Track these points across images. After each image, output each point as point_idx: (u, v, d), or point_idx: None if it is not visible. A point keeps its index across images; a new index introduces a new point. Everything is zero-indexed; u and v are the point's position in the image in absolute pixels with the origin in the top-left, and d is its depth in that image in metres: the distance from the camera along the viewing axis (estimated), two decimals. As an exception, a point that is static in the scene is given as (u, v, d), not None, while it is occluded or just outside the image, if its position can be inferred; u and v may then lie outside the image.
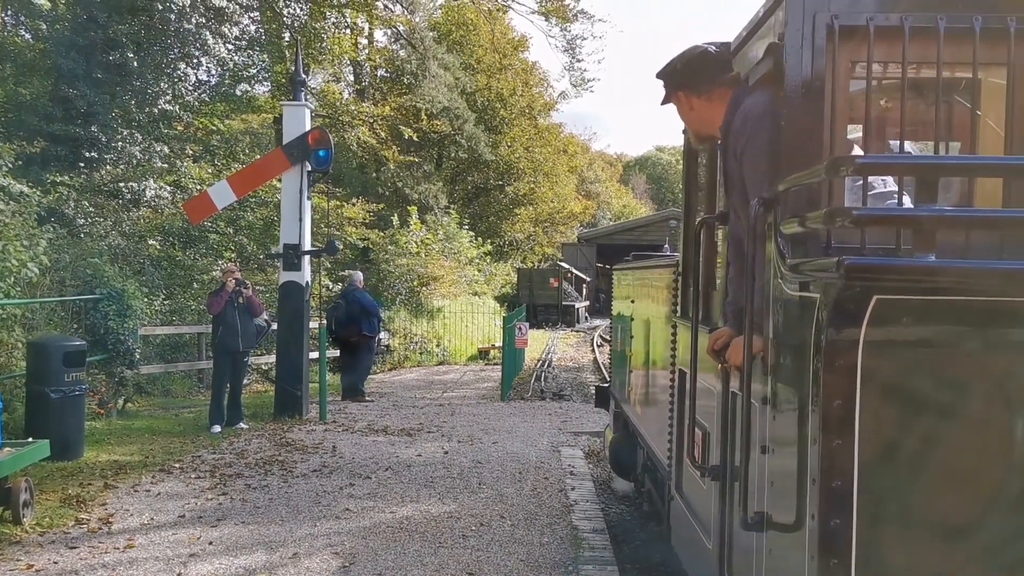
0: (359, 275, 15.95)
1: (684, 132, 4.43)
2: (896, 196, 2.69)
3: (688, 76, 3.55)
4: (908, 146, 3.20)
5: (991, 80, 2.98)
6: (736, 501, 3.18)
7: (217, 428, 11.19)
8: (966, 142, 3.04)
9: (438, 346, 23.53)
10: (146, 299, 14.14)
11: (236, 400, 11.68)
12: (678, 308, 4.91)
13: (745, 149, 3.18)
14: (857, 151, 3.13)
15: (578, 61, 32.07)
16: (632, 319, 7.46)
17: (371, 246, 25.12)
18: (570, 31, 30.70)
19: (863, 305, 2.24)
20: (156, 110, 18.23)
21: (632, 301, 7.59)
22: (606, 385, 10.14)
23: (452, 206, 36.41)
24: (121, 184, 17.00)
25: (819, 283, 2.41)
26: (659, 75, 3.68)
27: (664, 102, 3.70)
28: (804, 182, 2.59)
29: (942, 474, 2.34)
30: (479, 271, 34.90)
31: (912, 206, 2.52)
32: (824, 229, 2.50)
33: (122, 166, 17.30)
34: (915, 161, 2.72)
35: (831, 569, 2.31)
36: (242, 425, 11.44)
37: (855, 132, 3.28)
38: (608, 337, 19.23)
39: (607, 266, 29.88)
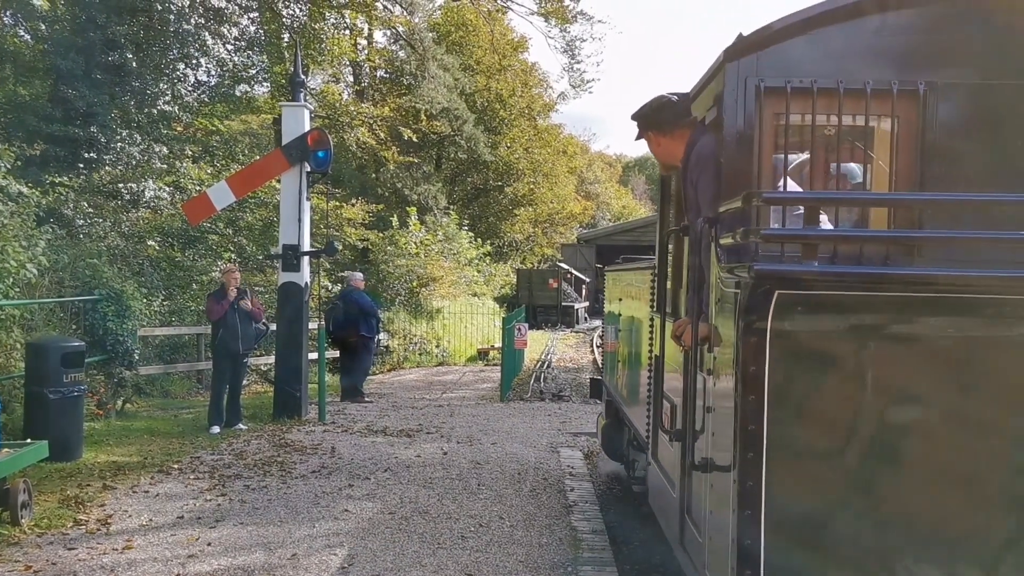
0: (358, 275, 15.88)
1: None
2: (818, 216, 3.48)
3: (656, 120, 4.52)
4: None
5: (881, 128, 3.87)
6: (686, 443, 4.21)
7: (216, 429, 11.18)
8: (893, 177, 3.80)
9: (437, 347, 23.53)
10: (145, 300, 14.14)
11: (235, 401, 11.67)
12: (654, 304, 5.64)
13: (698, 180, 4.00)
14: (792, 184, 4.00)
15: (577, 62, 32.03)
16: (619, 316, 8.18)
17: (370, 247, 25.12)
18: (569, 32, 30.74)
19: (769, 298, 3.07)
20: (155, 111, 18.24)
21: (620, 300, 8.29)
22: (599, 378, 10.72)
23: (451, 207, 36.41)
24: (120, 185, 17.00)
25: (741, 282, 3.21)
26: (633, 117, 4.60)
27: (637, 138, 4.68)
28: (730, 208, 3.40)
29: (829, 419, 3.23)
30: (478, 272, 34.90)
31: (830, 226, 3.62)
32: (753, 242, 3.25)
33: (121, 167, 17.30)
34: (800, 195, 3.78)
35: (748, 490, 3.15)
36: (241, 426, 11.44)
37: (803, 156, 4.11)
38: (607, 338, 19.27)
39: (606, 267, 30.47)
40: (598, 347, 24.90)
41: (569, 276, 40.87)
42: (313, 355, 14.20)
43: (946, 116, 3.66)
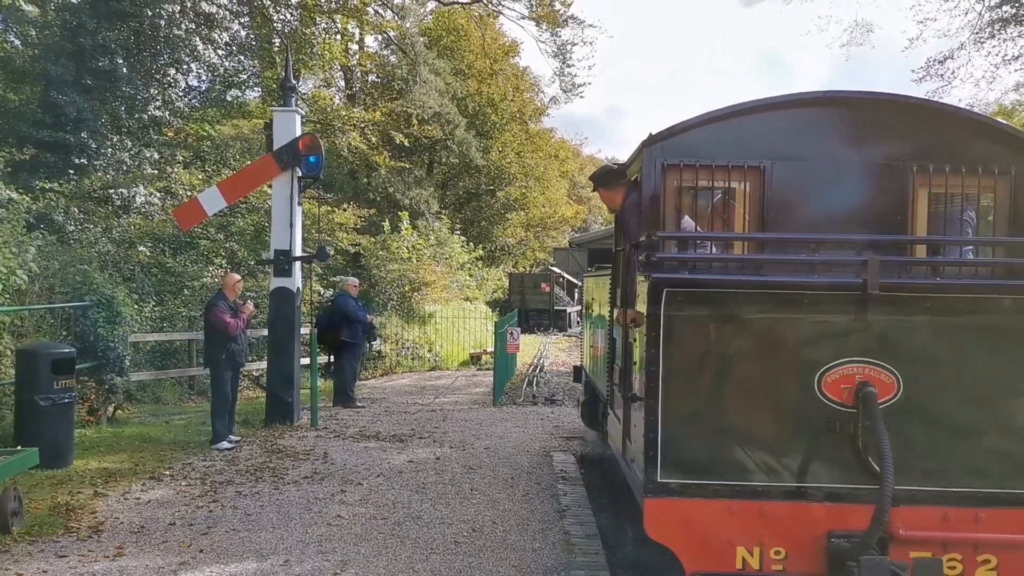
0: (352, 280, 15.68)
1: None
2: (708, 244, 5.80)
3: (604, 181, 6.78)
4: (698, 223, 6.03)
5: (740, 188, 5.88)
6: (620, 385, 6.76)
7: (226, 444, 10.57)
8: (730, 222, 5.89)
9: (430, 351, 23.49)
10: (136, 306, 14.09)
11: (232, 413, 11.35)
12: (612, 300, 7.65)
13: (628, 221, 6.30)
14: (687, 221, 5.97)
15: (568, 66, 32.01)
16: (592, 312, 10.42)
17: (362, 252, 25.07)
18: (560, 36, 30.76)
19: (661, 294, 5.09)
20: (146, 116, 18.19)
21: (592, 299, 10.50)
22: (580, 365, 13.11)
23: (443, 211, 36.41)
24: (111, 190, 16.95)
25: (648, 284, 5.19)
26: (590, 179, 7.11)
27: (593, 190, 7.11)
28: (643, 240, 5.59)
29: (696, 363, 5.26)
30: (471, 276, 34.88)
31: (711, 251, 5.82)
32: (653, 260, 5.30)
33: (112, 172, 17.24)
34: (676, 235, 5.73)
35: (651, 408, 5.20)
36: (233, 438, 11.09)
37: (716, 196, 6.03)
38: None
39: (584, 273, 30.85)
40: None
41: (561, 280, 40.88)
42: (305, 360, 14.16)
43: (778, 182, 5.87)
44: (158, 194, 18.14)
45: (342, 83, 32.62)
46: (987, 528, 5.16)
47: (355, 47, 31.19)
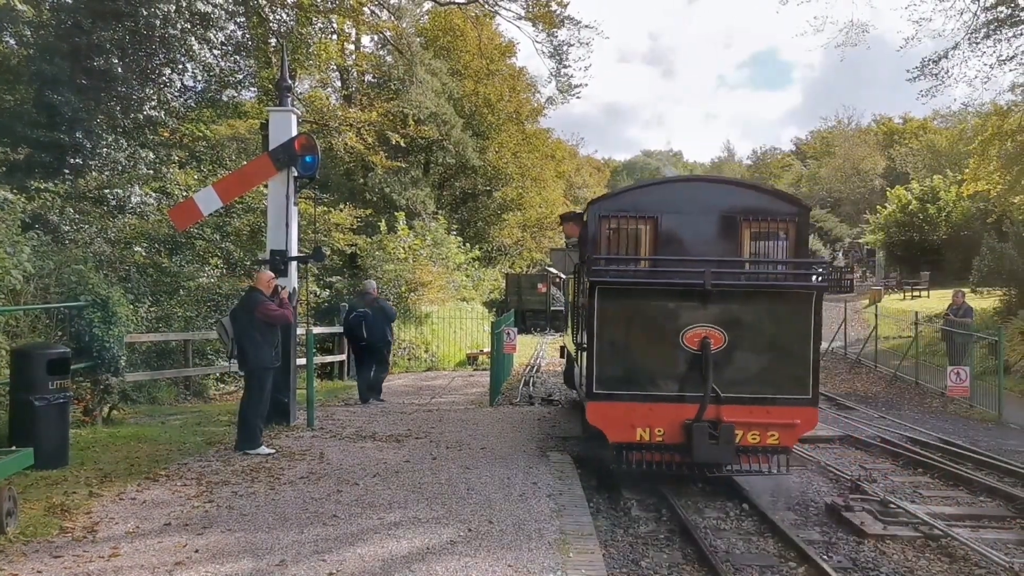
0: (374, 283, 16.58)
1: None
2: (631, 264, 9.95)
3: (569, 220, 12.05)
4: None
5: (644, 229, 9.84)
6: (580, 344, 10.74)
7: (265, 449, 10.25)
8: (639, 248, 9.83)
9: (426, 352, 23.50)
10: (132, 306, 14.05)
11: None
12: (576, 294, 12.25)
13: (581, 247, 10.80)
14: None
15: (565, 67, 31.95)
16: (570, 304, 15.50)
17: (359, 252, 25.06)
18: (557, 37, 30.71)
19: (595, 288, 9.14)
20: (141, 116, 18.12)
21: (570, 294, 15.07)
22: (563, 345, 17.53)
23: (440, 212, 36.40)
24: (106, 190, 16.88)
25: (589, 283, 9.26)
26: (559, 217, 12.90)
27: (559, 225, 13.25)
28: (587, 260, 9.89)
29: (615, 328, 9.23)
30: (467, 277, 34.87)
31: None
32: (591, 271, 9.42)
33: (107, 172, 17.18)
34: (602, 256, 9.65)
35: (589, 353, 9.29)
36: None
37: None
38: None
39: (565, 275, 32.13)
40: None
41: (558, 281, 40.85)
42: (301, 361, 14.14)
43: (666, 226, 9.75)
44: (154, 194, 18.08)
45: (338, 83, 32.57)
46: (773, 416, 9.06)
47: (351, 47, 31.16)
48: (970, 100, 52.13)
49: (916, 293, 35.79)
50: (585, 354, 9.67)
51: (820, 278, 9.57)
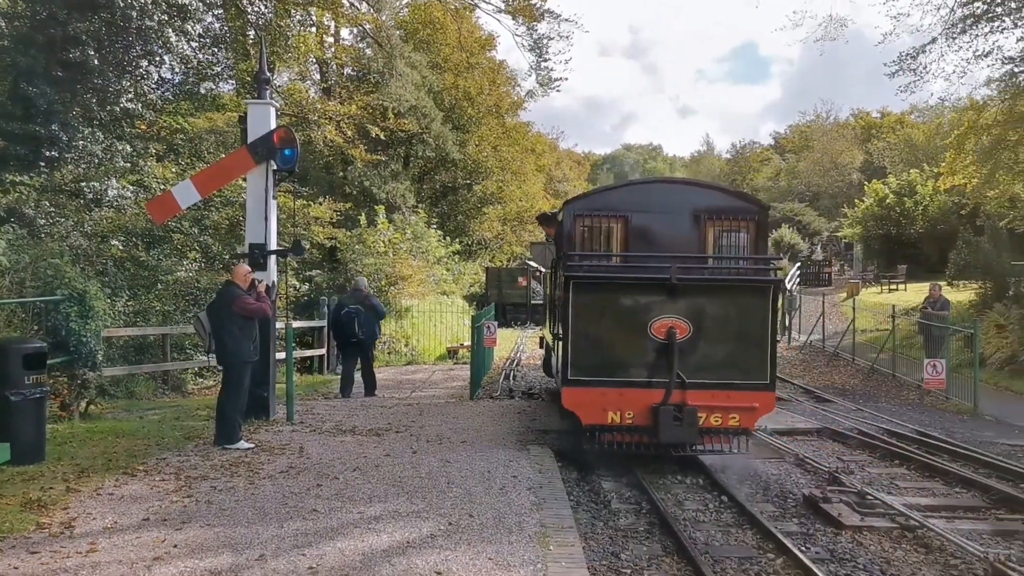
0: (365, 280, 16.80)
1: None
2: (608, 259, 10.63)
3: (544, 220, 14.04)
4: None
5: (616, 227, 10.44)
6: (556, 334, 11.28)
7: (245, 444, 10.19)
8: (610, 245, 10.50)
9: (407, 346, 23.47)
10: (109, 300, 13.93)
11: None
12: (552, 287, 12.88)
13: (557, 243, 11.50)
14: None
15: (545, 60, 31.88)
16: (548, 297, 15.83)
17: (338, 246, 24.96)
18: (537, 30, 30.64)
19: (570, 283, 9.89)
20: (118, 108, 17.96)
21: (548, 288, 15.79)
22: (543, 336, 17.82)
23: (420, 205, 36.32)
24: (82, 184, 16.73)
25: (565, 277, 9.94)
26: (536, 218, 16.95)
27: (537, 224, 17.32)
28: (563, 255, 10.52)
29: (589, 320, 9.96)
30: (447, 270, 34.83)
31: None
32: (567, 266, 10.12)
33: (83, 165, 17.03)
34: (576, 253, 10.25)
35: (565, 342, 10.03)
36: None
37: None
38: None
39: (542, 269, 32.66)
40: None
41: (539, 274, 40.85)
42: (281, 355, 14.09)
43: (635, 224, 10.33)
44: (131, 188, 17.92)
45: (317, 76, 32.40)
46: (733, 400, 9.78)
47: (330, 40, 30.99)
48: (947, 95, 52.66)
49: (893, 286, 36.08)
50: (561, 343, 10.37)
51: (776, 273, 10.64)
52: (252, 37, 22.09)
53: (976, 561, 6.91)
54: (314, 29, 27.14)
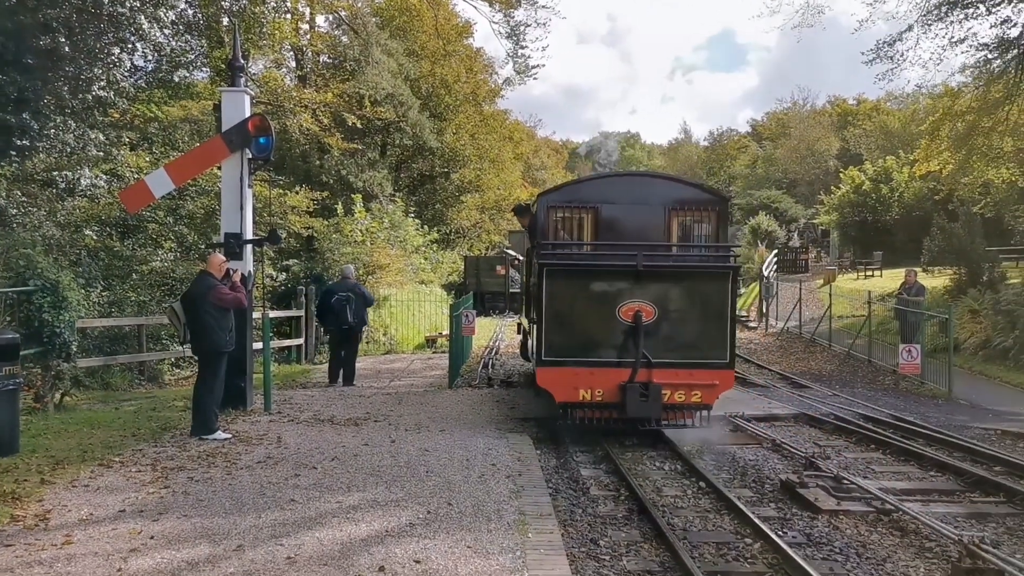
0: (352, 268, 16.77)
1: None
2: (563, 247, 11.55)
3: (519, 211, 14.11)
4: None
5: (586, 218, 11.39)
6: (532, 319, 12.02)
7: (222, 435, 10.12)
8: (581, 235, 11.45)
9: (385, 335, 23.38)
10: (83, 291, 13.78)
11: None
12: (528, 274, 13.63)
13: (531, 233, 12.54)
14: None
15: (522, 48, 31.83)
16: (524, 283, 16.81)
17: (315, 235, 24.80)
18: (514, 17, 30.57)
19: (543, 270, 10.63)
20: (90, 97, 17.67)
21: (526, 274, 15.73)
22: (520, 322, 17.92)
23: (397, 194, 36.14)
24: (55, 173, 16.50)
25: (539, 265, 10.70)
26: (512, 210, 19.16)
27: (512, 215, 20.33)
28: (536, 244, 11.75)
29: (561, 304, 10.69)
30: (425, 259, 34.73)
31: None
32: (540, 255, 11.01)
33: (55, 154, 16.77)
34: (548, 242, 11.22)
35: (539, 325, 10.76)
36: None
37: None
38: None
39: (518, 258, 32.96)
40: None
41: (517, 263, 40.86)
42: (258, 345, 14.01)
43: (605, 215, 11.25)
44: (104, 177, 17.71)
45: (293, 64, 32.14)
46: (695, 378, 10.61)
47: (306, 27, 30.73)
48: (923, 82, 53.07)
49: (869, 273, 36.38)
50: (536, 327, 11.13)
51: (735, 260, 11.52)
52: (226, 24, 21.86)
53: (951, 544, 6.99)
54: (289, 16, 26.89)
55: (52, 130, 16.73)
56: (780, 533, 7.38)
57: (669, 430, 11.15)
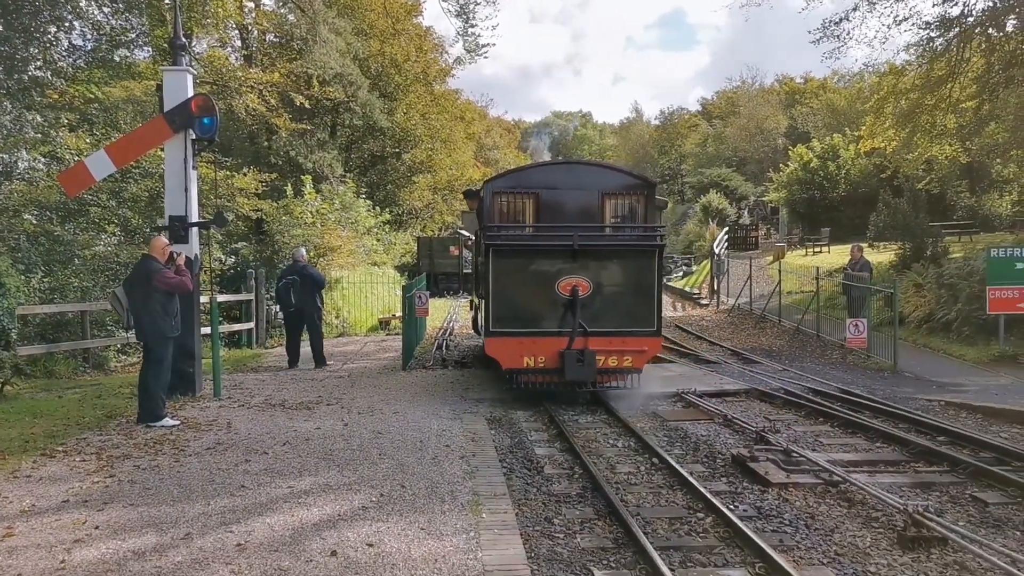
0: (303, 251, 16.54)
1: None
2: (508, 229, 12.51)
3: (469, 195, 14.82)
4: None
5: (528, 203, 12.35)
6: (480, 295, 13.77)
7: (170, 421, 9.98)
8: (523, 218, 12.43)
9: (337, 318, 23.16)
10: (23, 277, 13.41)
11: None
12: (478, 254, 15.02)
13: (479, 216, 13.01)
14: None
15: (472, 27, 31.48)
16: (474, 262, 19.04)
17: (265, 217, 24.42)
18: (463, -5, 30.22)
19: (490, 250, 11.86)
20: (26, 77, 17.15)
21: (476, 255, 16.82)
22: (472, 298, 20.18)
23: (348, 175, 35.72)
24: (-9, 156, 16.01)
25: (486, 245, 11.95)
26: (462, 193, 18.07)
27: (463, 199, 18.76)
28: (482, 227, 12.74)
29: (507, 280, 11.92)
30: (378, 240, 34.44)
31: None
32: (488, 236, 12.15)
33: (-9, 137, 16.27)
34: (494, 225, 12.14)
35: (487, 299, 12.07)
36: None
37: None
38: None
39: (469, 239, 33.19)
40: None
41: (470, 243, 40.74)
42: (206, 329, 13.77)
43: (545, 200, 12.26)
44: (43, 159, 17.23)
45: (238, 43, 31.53)
46: (627, 345, 11.85)
47: (251, 5, 30.12)
48: (869, 60, 53.62)
49: (817, 249, 36.88)
50: (483, 302, 12.57)
51: (661, 239, 12.43)
52: (167, 2, 21.31)
53: (896, 513, 7.11)
54: (233, -6, 26.29)
55: (-13, 112, 16.22)
56: (731, 507, 7.44)
57: (615, 402, 12.10)
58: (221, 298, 17.92)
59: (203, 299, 13.65)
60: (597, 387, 12.14)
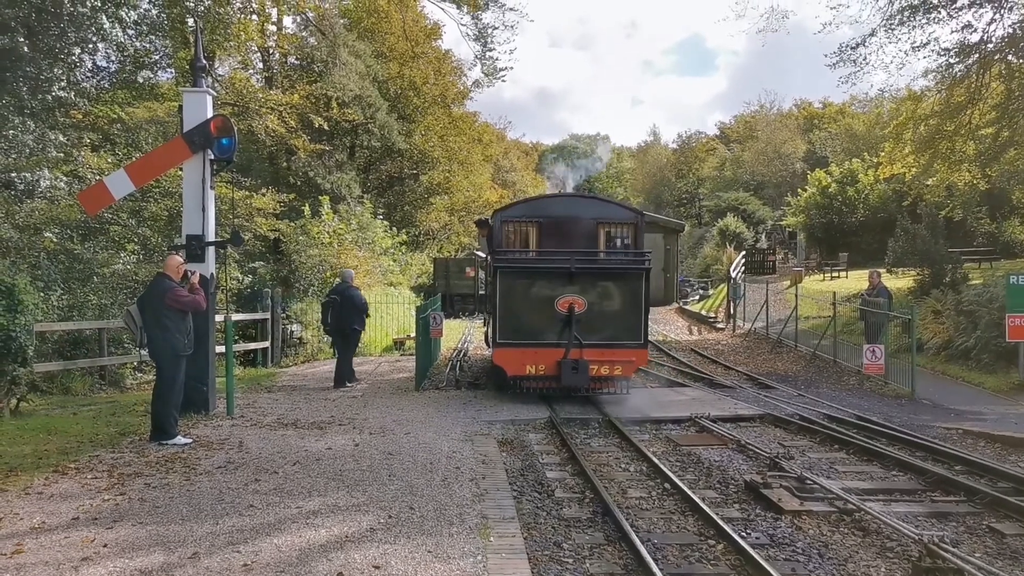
0: (350, 272, 16.84)
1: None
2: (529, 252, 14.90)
3: (480, 224, 16.61)
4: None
5: (532, 230, 14.65)
6: (489, 311, 16.51)
7: (182, 440, 10.02)
8: (529, 243, 14.70)
9: (352, 337, 23.17)
10: (42, 294, 13.53)
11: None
12: (488, 275, 18.69)
13: (489, 242, 15.40)
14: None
15: (490, 50, 31.76)
16: (485, 283, 26.48)
17: (282, 237, 24.57)
18: (481, 20, 30.51)
19: (498, 271, 13.80)
20: (50, 97, 17.41)
21: (488, 276, 18.57)
22: (485, 316, 22.40)
23: (365, 196, 35.92)
24: (13, 174, 16.21)
25: (494, 267, 14.09)
26: (474, 222, 23.56)
27: (475, 226, 23.72)
28: (492, 252, 15.10)
29: (513, 299, 13.70)
30: (394, 261, 34.55)
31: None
32: (496, 259, 14.38)
33: (14, 155, 16.50)
34: (500, 249, 14.44)
35: (495, 315, 13.97)
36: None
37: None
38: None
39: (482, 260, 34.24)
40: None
41: (486, 264, 40.80)
42: (220, 348, 13.82)
43: (546, 227, 14.53)
44: (64, 178, 17.43)
45: (260, 65, 31.86)
46: (616, 355, 13.37)
47: (272, 28, 30.45)
48: (887, 86, 53.33)
49: (835, 274, 36.69)
50: (492, 317, 14.51)
51: (647, 263, 14.10)
52: (191, 25, 21.57)
53: (911, 543, 7.02)
54: (255, 17, 26.64)
55: (11, 131, 16.48)
56: (743, 534, 7.37)
57: (627, 428, 11.92)
58: (237, 317, 18.01)
59: (218, 318, 13.71)
60: (590, 392, 13.89)
